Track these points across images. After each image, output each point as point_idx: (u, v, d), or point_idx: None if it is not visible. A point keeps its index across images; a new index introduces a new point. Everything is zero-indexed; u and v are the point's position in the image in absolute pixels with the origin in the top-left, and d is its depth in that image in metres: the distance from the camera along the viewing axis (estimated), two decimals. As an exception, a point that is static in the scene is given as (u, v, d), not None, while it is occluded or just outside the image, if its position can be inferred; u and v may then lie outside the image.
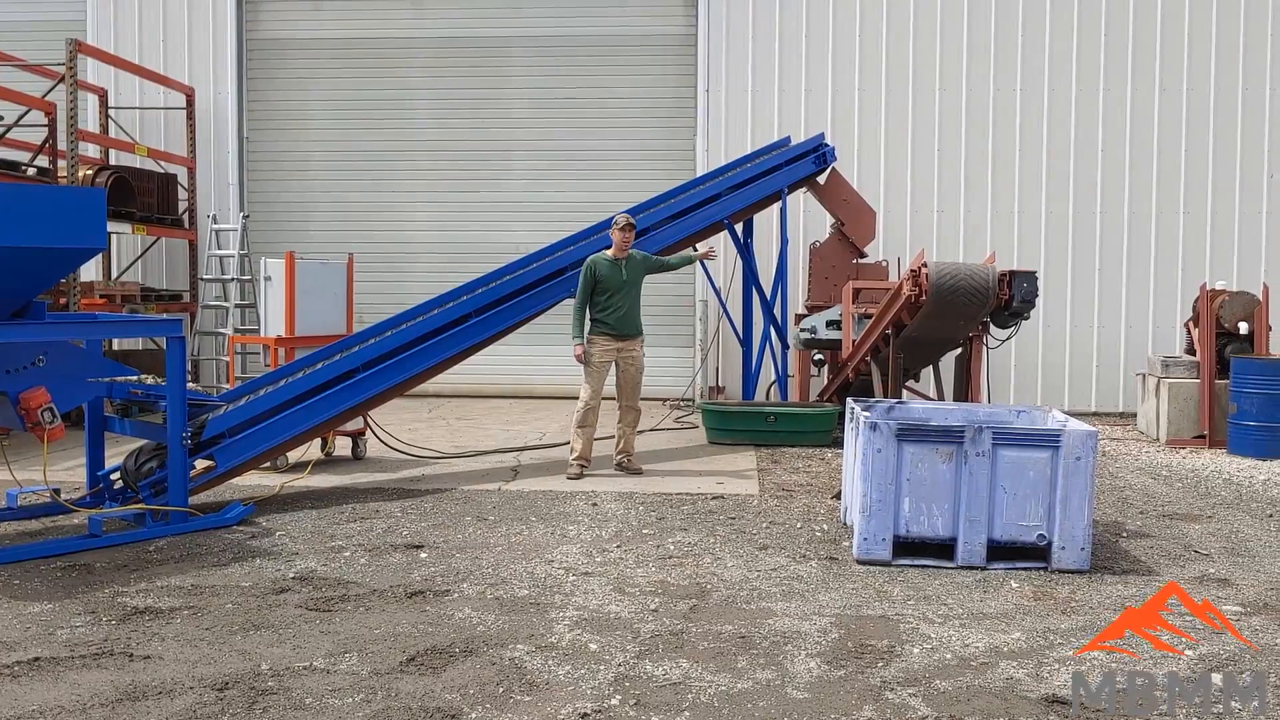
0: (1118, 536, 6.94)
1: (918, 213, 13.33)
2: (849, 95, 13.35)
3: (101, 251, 8.19)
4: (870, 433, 6.15)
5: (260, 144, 14.27)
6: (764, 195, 11.18)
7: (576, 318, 8.75)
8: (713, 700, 4.20)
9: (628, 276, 8.78)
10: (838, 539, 6.75)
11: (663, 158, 13.79)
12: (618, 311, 8.72)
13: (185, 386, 7.03)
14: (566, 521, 7.16)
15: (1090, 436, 6.06)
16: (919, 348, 9.37)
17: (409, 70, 14.10)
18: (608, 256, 8.82)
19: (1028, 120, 13.22)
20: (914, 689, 4.34)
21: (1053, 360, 13.26)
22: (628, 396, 8.89)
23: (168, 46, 13.99)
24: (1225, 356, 10.61)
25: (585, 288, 8.72)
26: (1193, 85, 13.07)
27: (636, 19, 13.84)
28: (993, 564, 6.09)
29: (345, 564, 6.08)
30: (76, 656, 4.60)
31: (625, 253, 8.84)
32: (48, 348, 6.46)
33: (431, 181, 14.16)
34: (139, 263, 13.88)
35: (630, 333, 8.81)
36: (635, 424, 9.03)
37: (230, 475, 7.68)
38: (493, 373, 13.48)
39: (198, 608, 5.26)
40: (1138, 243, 13.19)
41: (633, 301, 8.82)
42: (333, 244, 13.55)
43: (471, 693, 4.24)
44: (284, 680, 4.35)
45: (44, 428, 6.23)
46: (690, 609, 5.31)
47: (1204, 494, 8.40)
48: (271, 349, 9.17)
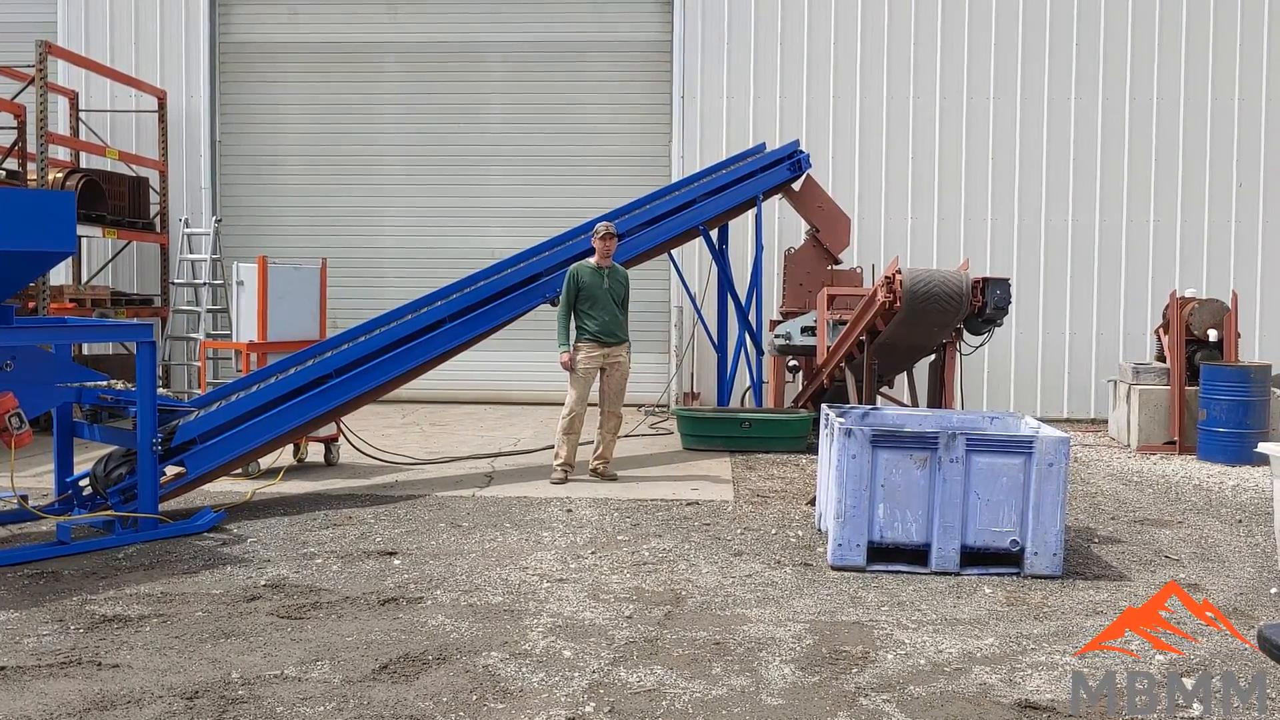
0: (1090, 542, 6.98)
1: (892, 219, 13.39)
2: (824, 102, 13.40)
3: (71, 255, 8.13)
4: (845, 439, 6.17)
5: (233, 148, 14.17)
6: (739, 201, 11.20)
7: (561, 325, 8.77)
8: (687, 707, 4.19)
9: (609, 285, 8.79)
10: (812, 545, 6.76)
11: (638, 163, 13.78)
12: (601, 318, 8.73)
13: (155, 392, 6.98)
14: (541, 528, 7.14)
15: (1062, 443, 6.10)
16: (893, 354, 9.42)
17: (383, 75, 14.04)
18: (590, 264, 8.85)
19: (1001, 129, 13.31)
20: (888, 695, 4.34)
21: (1025, 367, 13.35)
22: (610, 402, 8.87)
23: (140, 49, 13.87)
24: (1195, 363, 10.71)
25: (568, 295, 8.74)
26: (1162, 95, 13.20)
27: (612, 25, 13.84)
28: (966, 570, 6.11)
29: (317, 571, 6.03)
30: (44, 665, 4.54)
31: (608, 261, 8.85)
32: (16, 352, 6.38)
33: (406, 186, 14.10)
34: (109, 267, 13.74)
35: (615, 339, 8.81)
36: (616, 430, 9.02)
37: (201, 482, 7.61)
38: (467, 378, 13.43)
39: (167, 615, 5.21)
40: (1109, 251, 13.30)
41: (616, 308, 8.83)
42: (306, 248, 13.46)
43: (445, 701, 4.22)
44: (255, 689, 4.31)
45: (12, 434, 6.16)
46: (665, 615, 5.30)
47: (1174, 499, 8.47)
48: (244, 354, 9.09)
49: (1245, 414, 10.01)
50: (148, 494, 6.83)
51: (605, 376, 8.85)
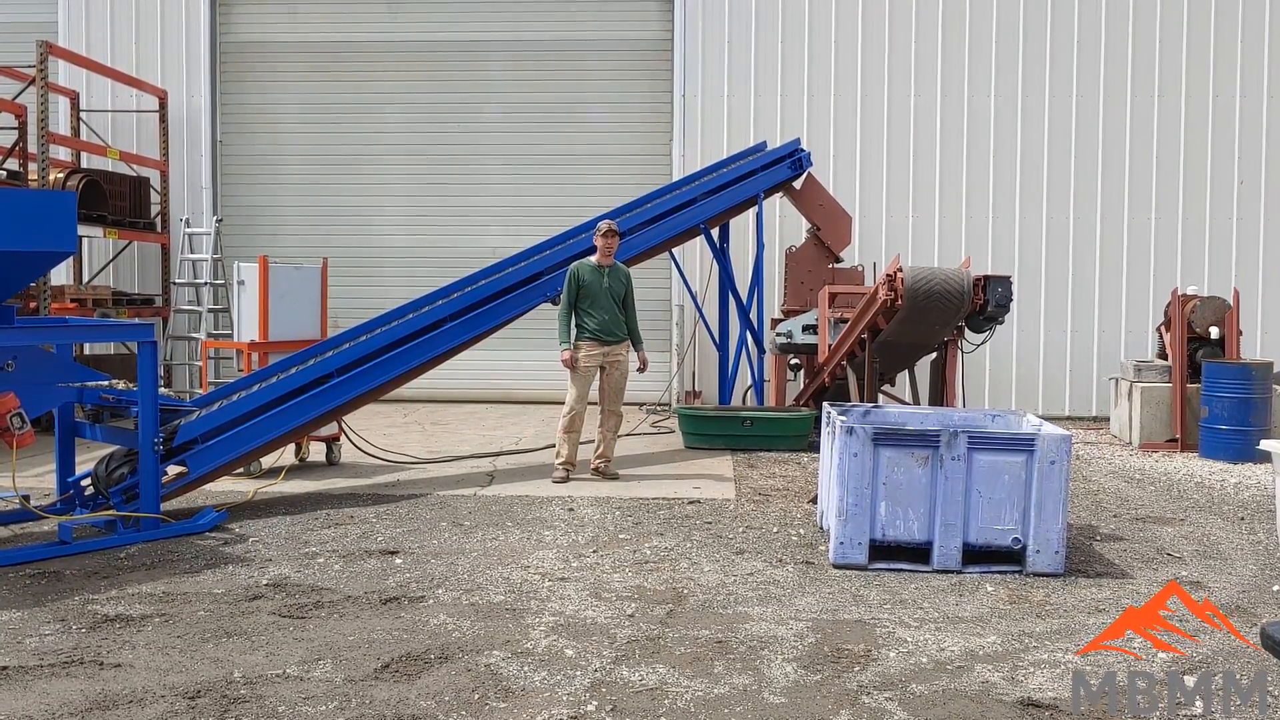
0: (1091, 540, 6.98)
1: (893, 218, 13.38)
2: (825, 100, 13.38)
3: (72, 255, 8.13)
4: (846, 437, 6.16)
5: (234, 147, 14.17)
6: (740, 200, 11.19)
7: (562, 323, 8.77)
8: (689, 705, 4.19)
9: (610, 283, 8.80)
10: (814, 543, 6.76)
11: (639, 162, 13.77)
12: (600, 317, 8.74)
13: (157, 392, 6.98)
14: (543, 527, 7.14)
15: (1064, 440, 6.09)
16: (894, 352, 9.41)
17: (384, 74, 14.03)
18: (591, 263, 8.85)
19: (1002, 126, 13.30)
20: (890, 693, 4.34)
21: (1027, 365, 13.33)
22: (610, 401, 8.87)
23: (140, 49, 13.87)
24: (1197, 361, 10.69)
25: (569, 294, 8.75)
26: (1164, 92, 13.19)
27: (613, 23, 13.83)
28: (968, 568, 6.11)
29: (319, 570, 6.03)
30: (46, 665, 4.54)
31: (609, 259, 8.86)
32: (17, 352, 6.38)
33: (407, 186, 14.09)
34: (111, 267, 13.74)
35: (614, 338, 8.81)
36: (616, 429, 9.01)
37: (203, 481, 7.61)
38: (469, 377, 13.42)
39: (169, 615, 5.21)
40: (1110, 248, 13.29)
41: (617, 307, 8.83)
42: (307, 248, 13.45)
43: (447, 700, 4.22)
44: (257, 688, 4.31)
45: (13, 434, 6.16)
46: (667, 614, 5.30)
47: (1176, 497, 8.47)
48: (245, 354, 9.09)
49: (1247, 411, 10.00)
50: (149, 493, 6.83)
51: (605, 375, 8.85)
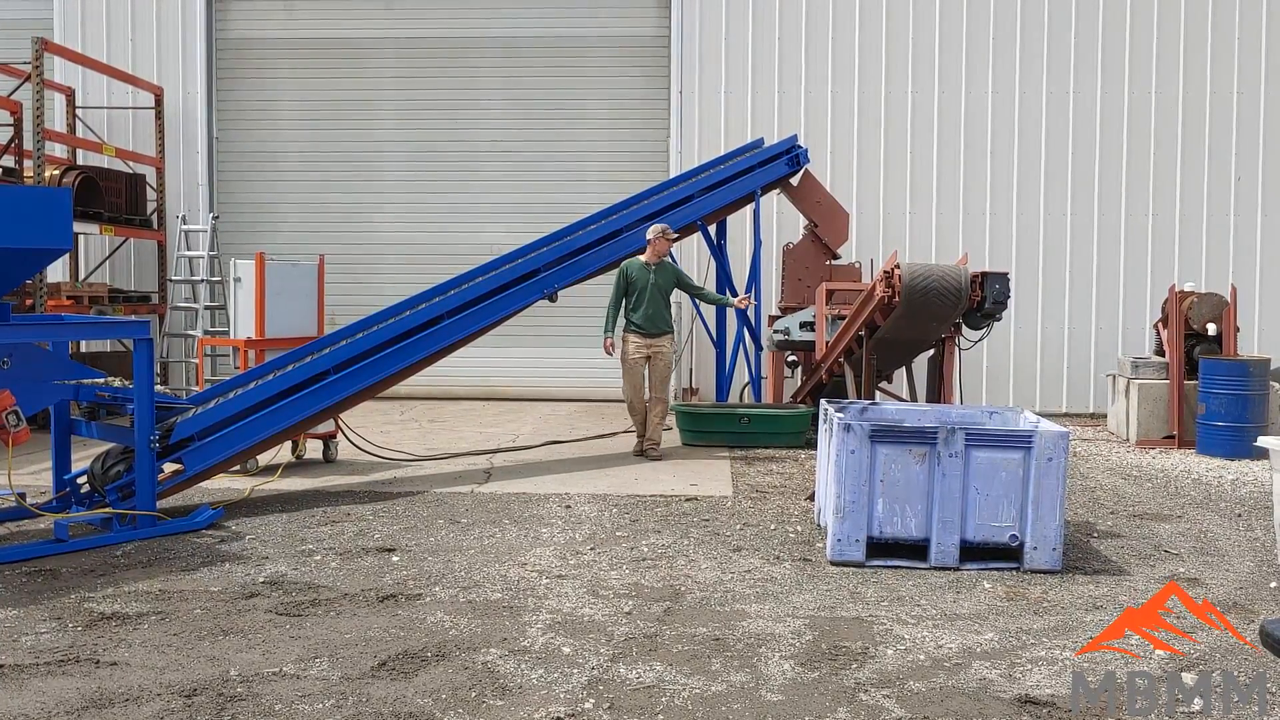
0: (1089, 536, 6.98)
1: (890, 214, 13.37)
2: (822, 97, 13.37)
3: (67, 252, 8.11)
4: (844, 434, 6.16)
5: (230, 144, 14.14)
6: (737, 197, 11.18)
7: (610, 315, 9.68)
8: (687, 703, 4.18)
9: (656, 280, 9.60)
10: (811, 540, 6.75)
11: (636, 159, 13.76)
12: (646, 311, 9.56)
13: (153, 389, 6.96)
14: (540, 524, 7.13)
15: (1062, 437, 6.09)
16: (892, 349, 9.40)
17: (380, 70, 14.00)
18: (640, 261, 9.71)
19: (999, 122, 13.29)
20: (888, 690, 4.34)
21: (1024, 361, 13.34)
22: (655, 389, 9.72)
23: (136, 46, 13.83)
24: (1194, 357, 10.70)
25: (618, 288, 9.67)
26: (1161, 88, 13.19)
27: (609, 20, 13.80)
28: (965, 565, 6.11)
29: (316, 568, 6.02)
30: (41, 663, 4.53)
31: (659, 259, 9.67)
32: (13, 350, 6.36)
33: (403, 182, 14.07)
34: (107, 264, 13.71)
35: (658, 330, 9.64)
36: (663, 415, 9.83)
37: (199, 479, 7.59)
38: (466, 375, 13.41)
39: (166, 613, 5.20)
40: (1107, 245, 13.29)
41: (661, 303, 9.64)
42: (303, 245, 13.44)
43: (444, 697, 4.21)
44: (253, 686, 4.30)
45: (9, 431, 6.16)
46: (664, 611, 5.30)
47: (1173, 494, 8.47)
48: (241, 351, 9.08)
49: (1244, 408, 10.00)
50: (145, 491, 6.82)
51: (650, 365, 9.73)
